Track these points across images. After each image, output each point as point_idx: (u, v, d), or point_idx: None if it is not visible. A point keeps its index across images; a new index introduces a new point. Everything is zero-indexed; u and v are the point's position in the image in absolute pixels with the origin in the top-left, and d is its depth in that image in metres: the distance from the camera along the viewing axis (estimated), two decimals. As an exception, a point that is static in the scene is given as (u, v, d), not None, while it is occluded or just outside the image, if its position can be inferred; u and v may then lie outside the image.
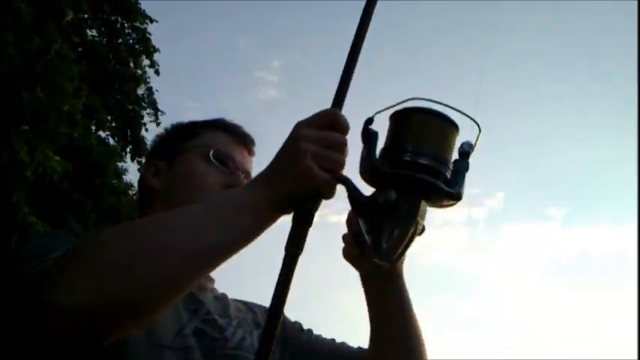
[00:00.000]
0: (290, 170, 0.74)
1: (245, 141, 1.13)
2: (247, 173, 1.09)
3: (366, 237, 0.78)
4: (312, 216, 0.75)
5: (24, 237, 3.59)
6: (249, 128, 1.15)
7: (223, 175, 1.05)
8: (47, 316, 0.65)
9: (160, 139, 1.17)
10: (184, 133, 1.13)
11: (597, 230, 8.38)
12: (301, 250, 0.73)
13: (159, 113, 6.90)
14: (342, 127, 0.76)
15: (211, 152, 1.05)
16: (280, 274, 0.72)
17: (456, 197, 0.78)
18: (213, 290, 1.07)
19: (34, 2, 3.99)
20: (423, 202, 0.77)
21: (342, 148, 0.76)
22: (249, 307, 1.10)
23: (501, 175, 8.39)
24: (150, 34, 6.65)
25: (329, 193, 0.75)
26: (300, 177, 0.73)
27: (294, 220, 0.75)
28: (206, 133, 1.11)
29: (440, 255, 7.95)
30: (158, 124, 6.84)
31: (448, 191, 0.77)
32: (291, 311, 1.09)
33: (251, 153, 1.14)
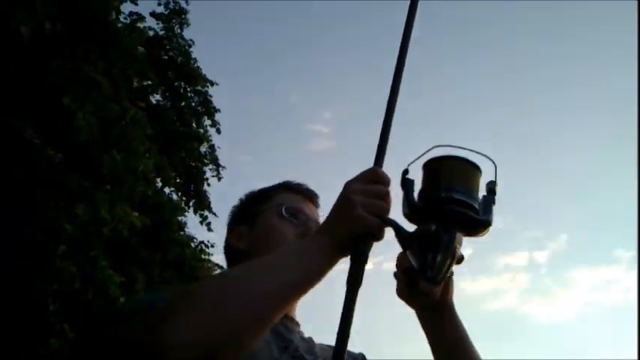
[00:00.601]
0: (345, 218, 0.90)
1: (310, 195, 1.30)
2: (317, 222, 1.24)
3: (415, 265, 0.93)
4: (367, 255, 0.91)
5: (101, 289, 3.89)
6: (309, 182, 1.32)
7: (297, 227, 1.22)
8: (166, 352, 0.79)
9: (238, 208, 1.34)
10: (258, 199, 1.31)
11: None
12: (359, 284, 0.89)
13: (220, 168, 7.26)
14: (384, 181, 0.94)
15: (284, 209, 1.23)
16: (344, 306, 0.87)
17: (487, 224, 0.94)
18: (300, 332, 1.22)
19: (108, 73, 4.43)
20: (458, 233, 0.93)
21: (385, 196, 0.92)
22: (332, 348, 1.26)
23: (563, 216, 7.97)
24: (211, 96, 7.09)
25: (379, 234, 0.91)
26: (353, 223, 0.89)
27: (352, 259, 0.91)
28: (276, 195, 1.29)
29: (501, 301, 7.61)
30: (220, 179, 7.19)
31: (479, 219, 0.93)
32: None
33: (316, 205, 1.31)
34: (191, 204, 6.99)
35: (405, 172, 0.98)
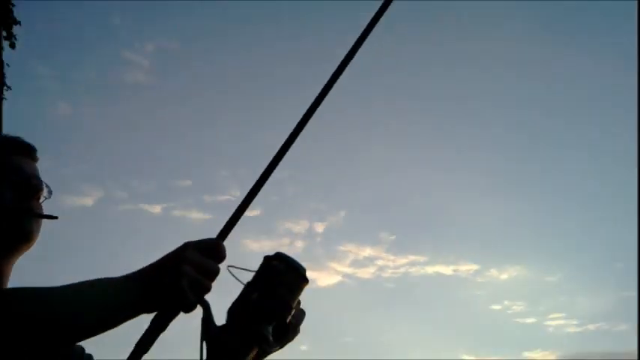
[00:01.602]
0: (167, 283, 0.86)
1: (29, 150, 1.23)
2: (37, 178, 1.19)
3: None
4: (167, 325, 0.88)
5: None
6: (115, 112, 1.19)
7: (17, 186, 1.15)
8: None
9: None
10: None
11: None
12: (146, 351, 0.87)
13: (5, 88, 6.80)
14: (221, 259, 0.90)
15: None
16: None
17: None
18: None
19: None
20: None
21: (214, 276, 0.89)
22: None
23: (346, 195, 8.78)
24: (13, 5, 6.64)
25: (189, 311, 0.89)
26: (172, 292, 0.86)
27: (152, 323, 0.88)
28: None
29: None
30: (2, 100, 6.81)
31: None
32: None
33: (35, 159, 1.23)
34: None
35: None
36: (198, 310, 0.91)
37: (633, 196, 8.05)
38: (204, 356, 0.92)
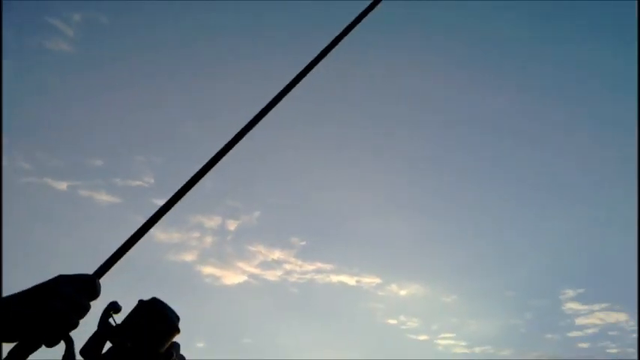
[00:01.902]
0: (30, 314, 0.83)
1: None
2: None
3: None
4: (26, 358, 0.85)
5: None
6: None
7: None
8: None
9: None
10: None
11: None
12: None
13: None
14: (94, 295, 0.89)
15: None
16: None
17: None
18: None
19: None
20: None
21: (84, 313, 0.88)
22: None
23: (263, 196, 9.11)
24: None
25: (51, 345, 0.86)
26: (36, 324, 0.83)
27: (10, 354, 0.84)
28: None
29: (183, 255, 8.40)
30: None
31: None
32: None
33: None
34: None
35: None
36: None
37: (528, 230, 8.68)
38: None
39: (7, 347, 0.88)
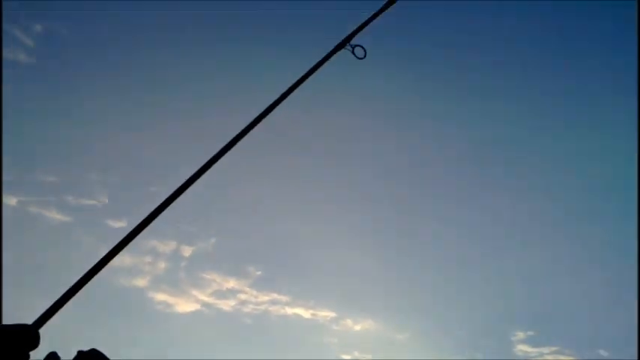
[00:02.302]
0: None
1: None
2: None
3: None
4: None
5: None
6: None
7: None
8: None
9: None
10: None
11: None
12: None
13: None
14: (32, 347, 0.86)
15: None
16: None
17: None
18: None
19: None
20: None
21: None
22: None
23: (221, 222, 9.02)
24: None
25: None
26: None
27: None
28: None
29: (134, 280, 8.18)
30: None
31: None
32: None
33: None
34: None
35: None
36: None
37: (482, 271, 8.82)
38: None
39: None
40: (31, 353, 0.84)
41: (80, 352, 0.92)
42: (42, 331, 0.87)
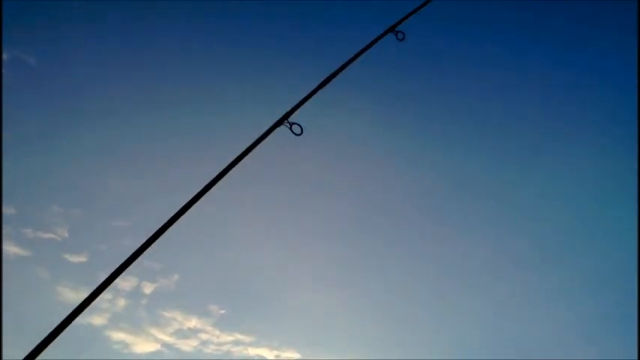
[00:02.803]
0: None
1: None
2: None
3: None
4: None
5: None
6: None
7: None
8: None
9: None
10: None
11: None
12: None
13: None
14: None
15: None
16: None
17: None
18: None
19: None
20: None
21: None
22: None
23: (184, 259, 8.86)
24: None
25: None
26: None
27: None
28: None
29: (92, 318, 7.88)
30: None
31: None
32: None
33: None
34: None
35: None
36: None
37: (437, 315, 8.83)
38: None
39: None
40: None
41: None
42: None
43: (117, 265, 0.89)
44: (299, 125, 2.51)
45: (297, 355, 8.69)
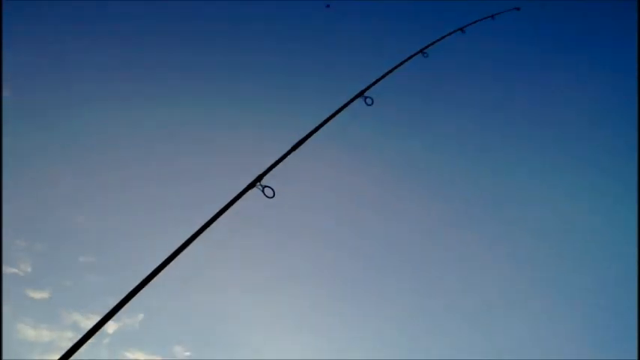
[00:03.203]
0: None
1: None
2: None
3: None
4: None
5: None
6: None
7: None
8: None
9: None
10: None
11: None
12: None
13: None
14: None
15: None
16: None
17: None
18: None
19: None
20: None
21: None
22: None
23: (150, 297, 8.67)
24: None
25: None
26: None
27: None
28: None
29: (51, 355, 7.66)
30: None
31: None
32: None
33: None
34: None
35: None
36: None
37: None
38: None
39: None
40: None
41: None
42: None
43: (104, 312, 0.94)
44: (271, 188, 2.59)
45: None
